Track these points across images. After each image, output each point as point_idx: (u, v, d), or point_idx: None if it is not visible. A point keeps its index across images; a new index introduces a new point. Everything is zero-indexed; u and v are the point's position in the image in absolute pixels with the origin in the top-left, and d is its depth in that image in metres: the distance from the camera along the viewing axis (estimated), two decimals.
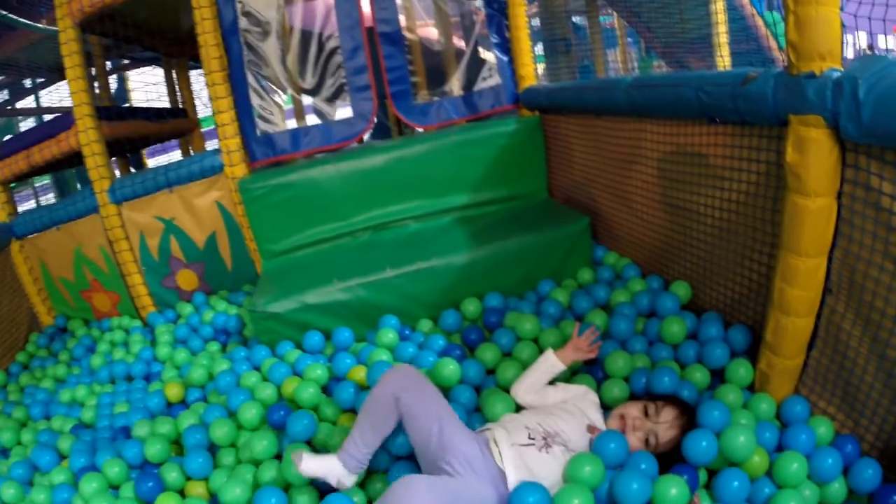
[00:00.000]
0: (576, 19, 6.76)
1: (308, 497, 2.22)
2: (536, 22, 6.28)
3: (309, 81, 4.05)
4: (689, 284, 2.93)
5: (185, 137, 7.13)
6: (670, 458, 2.09)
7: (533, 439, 2.07)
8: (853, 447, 2.08)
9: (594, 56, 5.99)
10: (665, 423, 2.13)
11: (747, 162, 2.35)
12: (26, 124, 9.46)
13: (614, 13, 6.62)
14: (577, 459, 2.00)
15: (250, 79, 3.93)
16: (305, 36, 4.04)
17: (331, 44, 3.99)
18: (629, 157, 3.20)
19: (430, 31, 4.36)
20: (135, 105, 8.19)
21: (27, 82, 8.49)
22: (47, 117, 7.94)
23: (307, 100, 4.08)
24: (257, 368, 3.12)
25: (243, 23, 3.87)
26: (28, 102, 8.87)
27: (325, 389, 2.85)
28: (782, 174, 2.08)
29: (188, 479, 2.49)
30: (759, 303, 2.47)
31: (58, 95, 8.58)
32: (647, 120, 2.95)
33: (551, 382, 2.46)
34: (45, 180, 8.96)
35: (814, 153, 1.89)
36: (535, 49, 5.84)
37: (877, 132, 1.69)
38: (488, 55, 4.28)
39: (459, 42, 4.28)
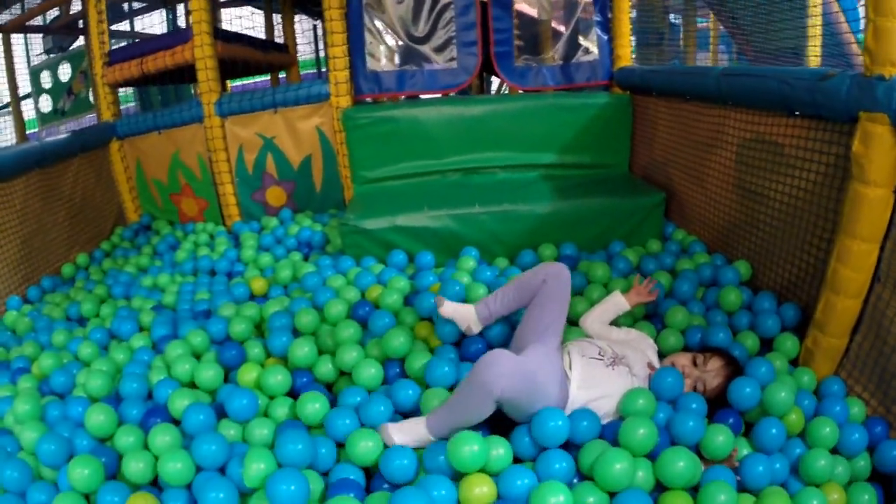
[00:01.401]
0: (672, 18, 6.81)
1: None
2: (634, 14, 6.37)
3: (421, 29, 4.31)
4: (749, 264, 3.11)
5: (285, 71, 7.43)
6: (714, 405, 2.27)
7: (602, 356, 2.27)
8: (882, 429, 2.24)
9: (685, 57, 6.07)
10: (712, 372, 2.31)
11: (818, 154, 2.54)
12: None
13: (711, 15, 6.66)
14: (633, 393, 2.16)
15: (366, 20, 4.23)
16: None
17: None
18: (709, 142, 3.40)
19: (531, 7, 4.55)
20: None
21: (125, 6, 8.87)
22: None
23: (417, 46, 4.33)
24: (343, 275, 3.34)
25: None
26: (122, 27, 9.22)
27: (406, 302, 3.01)
28: (848, 167, 2.28)
29: (269, 356, 2.69)
30: (813, 286, 2.65)
31: (149, 21, 9.01)
32: (732, 107, 3.14)
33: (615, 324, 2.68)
34: (130, 102, 9.27)
35: (877, 147, 2.09)
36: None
37: None
38: (590, 31, 4.48)
39: (563, 15, 4.48)
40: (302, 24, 8.19)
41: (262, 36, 7.39)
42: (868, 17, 2.05)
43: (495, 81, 8.65)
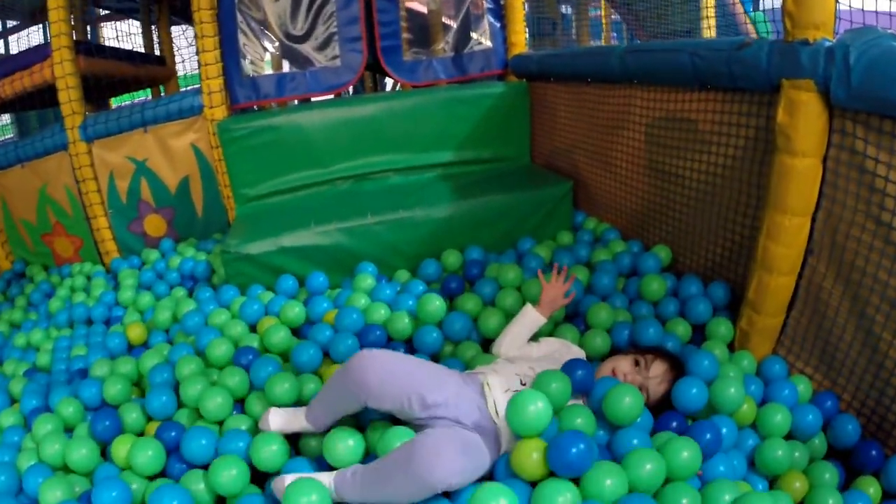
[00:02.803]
0: (564, 8, 6.81)
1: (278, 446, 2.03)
2: (526, 6, 6.33)
3: (300, 27, 4.02)
4: (669, 248, 3.02)
5: (161, 86, 6.88)
6: (658, 409, 2.11)
7: (524, 385, 2.04)
8: (832, 403, 2.18)
9: (579, 45, 6.06)
10: (656, 378, 2.13)
11: (736, 127, 2.44)
12: None
13: (602, 3, 6.68)
14: (570, 411, 1.94)
15: (240, 20, 3.88)
16: None
17: None
18: (616, 124, 3.29)
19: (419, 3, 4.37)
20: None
21: None
22: None
23: (297, 46, 4.04)
24: (226, 308, 3.04)
25: None
26: None
27: (298, 333, 2.81)
28: (770, 139, 2.18)
29: (149, 419, 2.32)
30: (740, 264, 2.58)
31: (27, 42, 8.43)
32: (638, 86, 3.03)
33: (534, 339, 2.45)
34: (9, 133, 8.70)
35: (803, 115, 1.98)
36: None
37: (864, 97, 1.81)
38: (481, 19, 4.32)
39: (453, 4, 4.31)
40: (187, 33, 7.79)
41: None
42: None
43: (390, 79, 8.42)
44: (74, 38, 4.00)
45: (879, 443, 2.05)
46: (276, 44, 4.04)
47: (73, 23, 5.77)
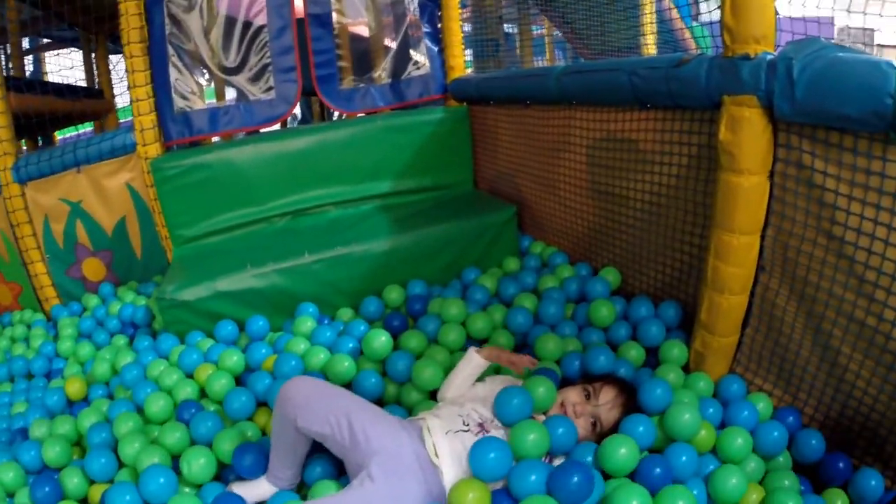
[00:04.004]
0: (507, 27, 6.81)
1: None
2: (468, 28, 6.30)
3: (232, 59, 3.88)
4: (617, 270, 2.96)
5: (100, 120, 6.76)
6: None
7: (468, 425, 1.94)
8: (794, 418, 2.14)
9: (522, 64, 6.03)
10: (607, 405, 2.06)
11: (678, 146, 2.39)
12: None
13: (545, 22, 6.68)
14: (521, 427, 1.88)
15: (171, 52, 3.73)
16: (232, 11, 3.86)
17: (258, 21, 3.84)
18: (557, 146, 3.23)
19: (360, 27, 4.29)
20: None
21: None
22: None
23: (229, 78, 3.91)
24: (165, 358, 2.89)
25: None
26: None
27: (240, 381, 2.67)
28: (713, 156, 2.13)
29: (92, 482, 2.20)
30: (690, 284, 2.53)
31: None
32: (578, 107, 2.97)
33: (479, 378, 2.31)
34: None
35: (747, 132, 1.93)
36: (466, 54, 5.88)
37: (809, 110, 1.76)
38: (419, 44, 4.26)
39: (389, 29, 4.23)
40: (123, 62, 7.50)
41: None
42: None
43: None
44: (8, 73, 3.84)
45: (845, 454, 2.01)
46: (209, 77, 3.90)
47: (5, 59, 5.61)
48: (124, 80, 6.30)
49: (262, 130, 4.52)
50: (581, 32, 5.72)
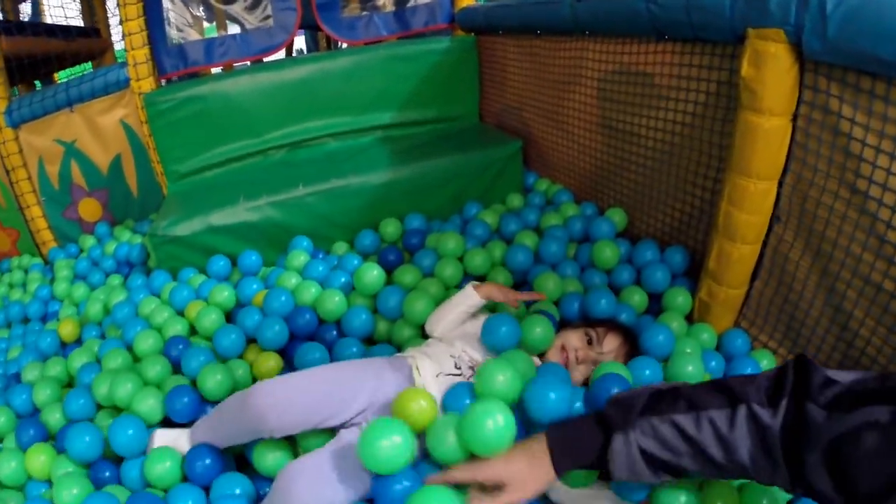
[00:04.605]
0: None
1: None
2: None
3: None
4: (624, 211, 2.84)
5: (97, 60, 6.52)
6: None
7: (459, 368, 1.84)
8: None
9: None
10: (610, 354, 1.96)
11: (696, 81, 2.24)
12: None
13: None
14: (487, 367, 1.69)
15: None
16: None
17: None
18: (567, 79, 3.07)
19: None
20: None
21: None
22: None
23: (225, 7, 3.73)
24: (157, 296, 2.84)
25: None
26: None
27: (231, 317, 2.59)
28: (733, 94, 2.00)
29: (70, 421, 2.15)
30: (700, 230, 2.40)
31: None
32: (591, 38, 2.81)
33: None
34: None
35: (771, 69, 1.78)
36: None
37: (842, 50, 1.60)
38: None
39: None
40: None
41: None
42: None
43: None
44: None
45: None
46: (204, 5, 3.73)
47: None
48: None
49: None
50: None
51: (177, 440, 1.87)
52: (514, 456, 1.40)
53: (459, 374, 1.83)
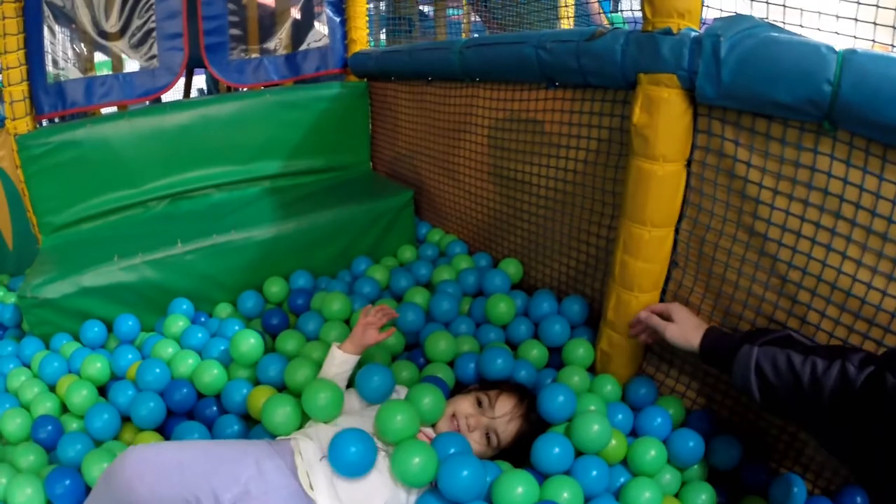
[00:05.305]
0: (424, 8, 6.61)
1: None
2: (384, 6, 6.05)
3: (114, 23, 3.46)
4: (519, 262, 2.76)
5: None
6: (515, 453, 1.85)
7: None
8: (709, 423, 1.98)
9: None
10: (504, 417, 1.85)
11: (588, 128, 2.19)
12: None
13: (463, 4, 6.52)
14: (405, 449, 1.63)
15: (46, 13, 3.28)
16: None
17: None
18: (458, 126, 3.00)
19: None
20: None
21: None
22: None
23: (109, 44, 3.51)
24: (28, 366, 2.57)
25: None
26: None
27: (104, 391, 2.37)
28: (625, 141, 1.96)
29: None
30: (597, 279, 2.35)
31: None
32: (481, 84, 2.75)
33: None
34: None
35: (664, 114, 1.74)
36: (381, 34, 5.62)
37: (736, 94, 1.59)
38: (319, 14, 3.94)
39: None
40: None
41: None
42: None
43: None
44: None
45: (762, 461, 1.89)
46: (87, 42, 3.49)
47: None
48: None
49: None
50: (496, 13, 5.59)
51: None
52: (689, 317, 1.84)
53: None
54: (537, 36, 2.25)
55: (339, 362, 2.00)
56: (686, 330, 1.79)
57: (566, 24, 4.86)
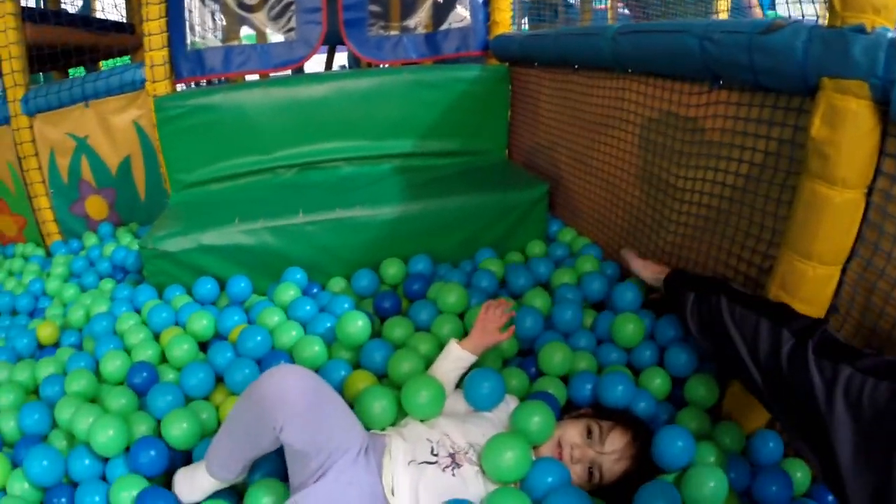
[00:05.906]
0: None
1: None
2: None
3: None
4: None
5: (132, 55, 6.37)
6: (616, 495, 1.64)
7: (436, 455, 1.60)
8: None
9: None
10: (613, 455, 1.66)
11: (753, 137, 1.87)
12: None
13: None
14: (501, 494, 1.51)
15: None
16: None
17: None
18: (605, 120, 2.75)
19: None
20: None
21: None
22: None
23: (248, 16, 3.56)
24: (138, 312, 2.63)
25: None
26: None
27: (205, 347, 2.40)
28: (796, 156, 1.66)
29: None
30: None
31: None
32: (633, 76, 2.48)
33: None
34: None
35: (850, 130, 1.43)
36: (523, 22, 5.46)
37: None
38: None
39: None
40: None
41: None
42: None
43: None
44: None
45: None
46: (227, 13, 3.56)
47: None
48: None
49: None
50: (647, 4, 5.33)
51: (195, 472, 1.72)
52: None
53: (435, 463, 1.57)
54: (703, 25, 1.95)
55: (455, 358, 1.93)
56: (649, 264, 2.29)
57: (723, 16, 4.60)
